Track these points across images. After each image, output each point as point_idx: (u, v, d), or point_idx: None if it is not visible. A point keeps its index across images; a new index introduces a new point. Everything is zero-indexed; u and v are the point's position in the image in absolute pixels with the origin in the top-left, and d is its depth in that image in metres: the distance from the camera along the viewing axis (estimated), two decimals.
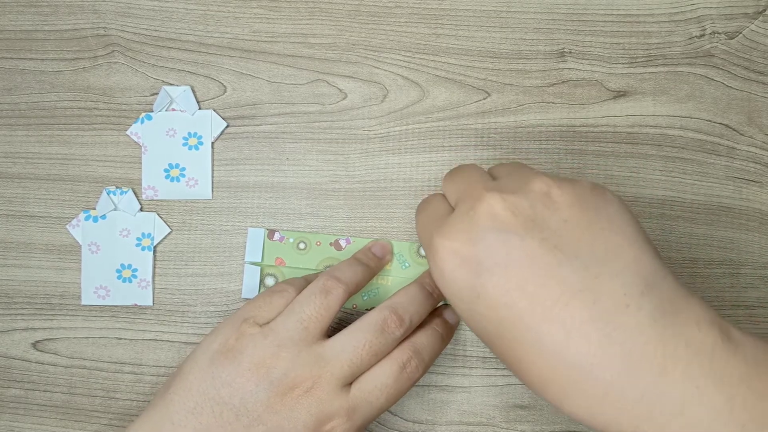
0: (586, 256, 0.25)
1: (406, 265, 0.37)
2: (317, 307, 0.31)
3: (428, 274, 0.35)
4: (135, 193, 0.38)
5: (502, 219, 0.26)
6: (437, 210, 0.30)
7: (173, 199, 0.38)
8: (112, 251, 0.38)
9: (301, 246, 0.37)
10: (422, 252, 0.37)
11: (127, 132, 0.39)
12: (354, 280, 0.33)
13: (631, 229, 0.26)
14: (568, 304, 0.24)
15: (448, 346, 0.37)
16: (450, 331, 0.35)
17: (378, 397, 0.31)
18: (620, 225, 0.26)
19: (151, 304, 0.38)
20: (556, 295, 0.25)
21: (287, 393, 0.30)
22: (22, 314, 0.38)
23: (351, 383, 0.31)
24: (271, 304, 0.32)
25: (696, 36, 0.38)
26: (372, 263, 0.35)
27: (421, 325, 0.34)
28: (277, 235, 0.38)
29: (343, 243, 0.37)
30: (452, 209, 0.29)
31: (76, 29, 0.39)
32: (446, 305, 0.36)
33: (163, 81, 0.39)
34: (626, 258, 0.25)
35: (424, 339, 0.33)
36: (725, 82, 0.38)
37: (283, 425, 0.29)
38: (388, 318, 0.31)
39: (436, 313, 0.35)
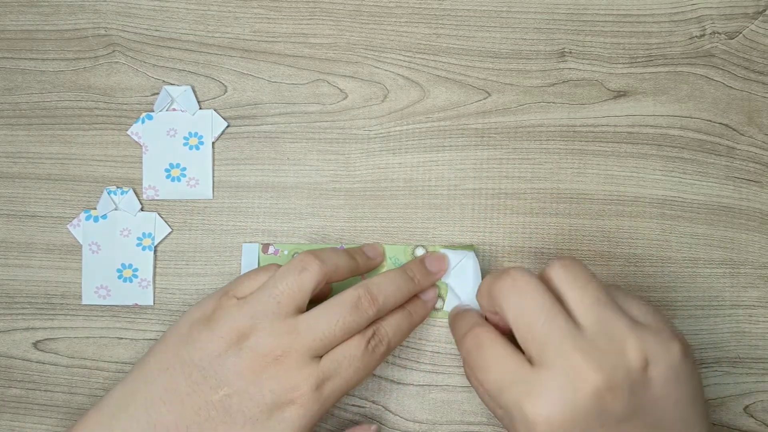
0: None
1: None
2: (290, 283, 0.31)
3: (414, 262, 0.36)
4: (136, 193, 0.38)
5: (601, 399, 0.27)
6: (509, 362, 0.29)
7: (174, 199, 0.38)
8: (112, 251, 0.38)
9: None
10: (417, 253, 0.37)
11: (128, 132, 0.39)
12: (332, 262, 0.33)
13: (700, 400, 0.29)
14: None
15: (450, 347, 0.37)
16: (422, 309, 0.35)
17: (347, 369, 0.31)
18: (695, 396, 0.29)
19: (152, 304, 0.38)
20: None
21: (257, 360, 0.30)
22: (23, 314, 0.38)
23: (321, 357, 0.31)
24: (253, 280, 0.33)
25: (696, 36, 0.38)
26: (359, 257, 0.35)
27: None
28: (271, 249, 0.38)
29: None
30: (521, 355, 0.29)
31: (76, 29, 0.39)
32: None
33: (164, 81, 0.39)
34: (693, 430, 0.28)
35: (388, 316, 0.33)
36: (725, 82, 0.38)
37: (249, 389, 0.30)
38: (362, 296, 0.32)
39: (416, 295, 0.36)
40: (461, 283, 0.36)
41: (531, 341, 0.28)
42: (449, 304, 0.36)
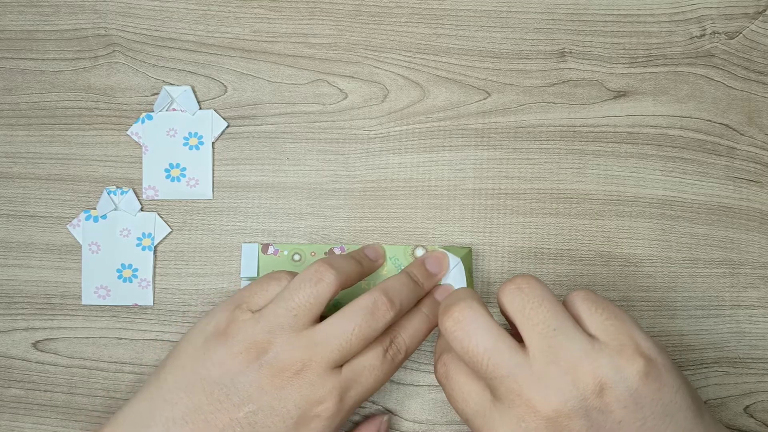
0: None
1: (401, 267, 0.37)
2: (306, 295, 0.31)
3: (415, 265, 0.36)
4: (135, 193, 0.38)
5: (558, 429, 0.26)
6: (473, 392, 0.29)
7: (174, 199, 0.38)
8: (112, 251, 0.38)
9: (296, 258, 0.37)
10: (417, 254, 0.37)
11: (128, 132, 0.39)
12: (346, 271, 0.33)
13: (683, 414, 0.27)
14: None
15: None
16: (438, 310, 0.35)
17: (367, 378, 0.31)
18: (674, 414, 0.27)
19: (152, 304, 0.38)
20: None
21: (278, 374, 0.30)
22: (23, 314, 0.38)
23: (341, 366, 0.31)
24: (266, 291, 0.33)
25: (696, 36, 0.38)
26: (364, 262, 0.35)
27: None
28: (271, 249, 0.38)
29: (337, 251, 0.37)
30: (485, 389, 0.29)
31: (76, 29, 0.39)
32: (441, 285, 0.36)
33: (164, 81, 0.39)
34: None
35: (405, 322, 0.33)
36: (725, 82, 0.38)
37: (274, 405, 0.30)
38: (378, 300, 0.31)
39: (428, 294, 0.35)
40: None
41: (483, 376, 0.28)
42: None
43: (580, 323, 0.28)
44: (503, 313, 0.30)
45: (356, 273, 0.34)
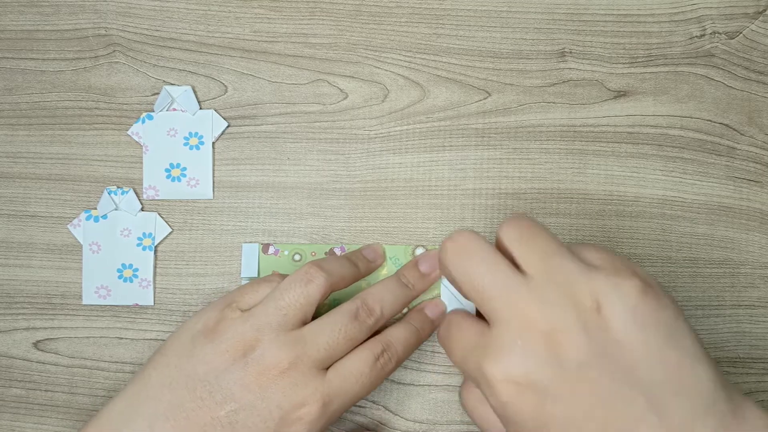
0: (646, 378, 0.25)
1: None
2: (297, 295, 0.31)
3: (407, 267, 0.36)
4: (136, 193, 0.38)
5: (555, 344, 0.26)
6: (470, 331, 0.29)
7: (174, 199, 0.38)
8: (113, 251, 0.38)
9: (296, 258, 0.37)
10: (417, 253, 0.37)
11: (128, 132, 0.39)
12: (338, 273, 0.33)
13: (686, 340, 0.26)
14: (636, 428, 0.25)
15: None
16: (428, 325, 0.35)
17: (353, 384, 0.31)
18: (679, 338, 0.26)
19: (152, 304, 0.38)
20: (623, 420, 0.25)
21: (263, 373, 0.30)
22: (24, 314, 0.38)
23: (327, 368, 0.31)
24: (257, 291, 0.33)
25: (696, 36, 0.38)
26: (360, 263, 0.35)
27: (400, 319, 0.34)
28: (271, 249, 0.38)
29: (337, 251, 0.37)
30: (486, 324, 0.28)
31: (77, 29, 0.39)
32: (432, 299, 0.36)
33: (164, 81, 0.39)
34: (685, 375, 0.25)
35: (397, 332, 0.33)
36: (725, 82, 0.38)
37: (256, 404, 0.30)
38: (359, 307, 0.32)
39: (418, 307, 0.36)
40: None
41: (479, 300, 0.28)
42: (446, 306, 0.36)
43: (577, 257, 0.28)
44: (502, 249, 0.29)
45: (350, 274, 0.34)
